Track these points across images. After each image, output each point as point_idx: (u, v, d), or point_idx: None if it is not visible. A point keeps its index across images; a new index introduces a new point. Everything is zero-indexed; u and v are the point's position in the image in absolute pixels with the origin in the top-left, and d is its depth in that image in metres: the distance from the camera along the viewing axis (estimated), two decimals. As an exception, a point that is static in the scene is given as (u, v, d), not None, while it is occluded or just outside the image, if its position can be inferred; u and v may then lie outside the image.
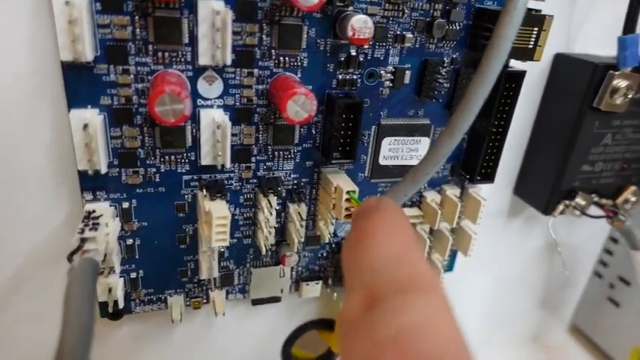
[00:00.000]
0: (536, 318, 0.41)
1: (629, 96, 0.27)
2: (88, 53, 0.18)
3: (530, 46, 0.25)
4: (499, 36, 0.18)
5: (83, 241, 0.20)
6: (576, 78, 0.28)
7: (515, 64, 0.26)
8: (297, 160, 0.25)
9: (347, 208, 0.24)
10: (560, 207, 0.29)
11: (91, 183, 0.22)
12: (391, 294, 0.12)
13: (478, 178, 0.28)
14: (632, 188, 0.31)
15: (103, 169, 0.20)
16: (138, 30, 0.20)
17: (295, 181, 0.25)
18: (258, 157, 0.24)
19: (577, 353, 0.41)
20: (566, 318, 0.43)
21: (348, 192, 0.23)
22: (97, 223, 0.20)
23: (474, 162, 0.27)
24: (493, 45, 0.19)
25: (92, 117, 0.20)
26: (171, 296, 0.26)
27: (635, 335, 0.37)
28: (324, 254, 0.28)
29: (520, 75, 0.26)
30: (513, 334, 0.41)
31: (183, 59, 0.21)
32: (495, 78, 0.19)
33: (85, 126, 0.19)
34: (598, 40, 0.29)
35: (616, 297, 0.39)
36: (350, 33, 0.21)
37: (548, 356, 0.41)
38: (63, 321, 0.15)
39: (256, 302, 0.28)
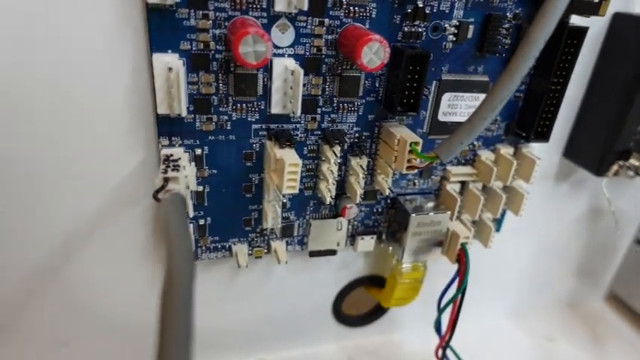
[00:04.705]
0: (574, 284, 0.41)
1: (692, 53, 0.26)
2: (175, -5, 0.19)
3: (596, 0, 0.25)
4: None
5: (166, 180, 0.20)
6: (636, 37, 0.28)
7: (576, 21, 0.26)
8: (360, 113, 0.25)
9: (409, 160, 0.24)
10: (615, 167, 0.30)
11: (167, 128, 0.22)
12: None
13: (533, 137, 0.28)
14: (685, 150, 0.31)
15: (184, 113, 0.21)
16: (219, -25, 0.20)
17: (357, 135, 0.26)
18: (323, 109, 0.24)
19: (614, 320, 0.41)
20: (604, 285, 0.43)
21: (411, 143, 0.24)
22: (178, 165, 0.21)
23: (530, 120, 0.28)
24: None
25: (174, 61, 0.20)
26: (235, 244, 0.27)
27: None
28: (379, 209, 0.29)
29: (583, 31, 0.26)
30: (550, 298, 0.41)
31: (259, 5, 0.21)
32: (558, 19, 0.19)
33: (170, 69, 0.20)
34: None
35: (656, 265, 0.39)
36: (424, -19, 0.21)
37: (584, 322, 0.41)
38: (167, 247, 0.16)
39: (314, 254, 0.29)
